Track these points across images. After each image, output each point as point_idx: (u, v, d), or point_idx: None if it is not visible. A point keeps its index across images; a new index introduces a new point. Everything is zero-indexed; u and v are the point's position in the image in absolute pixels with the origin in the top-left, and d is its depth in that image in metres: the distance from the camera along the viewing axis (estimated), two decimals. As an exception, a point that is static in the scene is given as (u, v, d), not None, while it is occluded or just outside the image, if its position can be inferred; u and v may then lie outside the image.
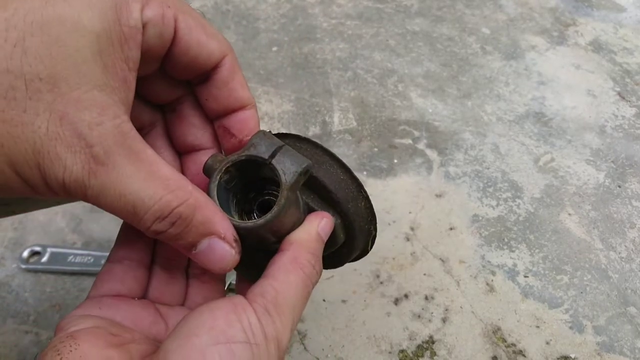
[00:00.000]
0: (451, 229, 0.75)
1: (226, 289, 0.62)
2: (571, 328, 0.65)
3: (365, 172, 0.82)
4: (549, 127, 0.92)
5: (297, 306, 0.31)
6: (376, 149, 0.86)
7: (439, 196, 0.79)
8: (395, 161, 0.84)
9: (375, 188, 0.79)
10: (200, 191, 0.30)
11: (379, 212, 0.74)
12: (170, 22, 0.29)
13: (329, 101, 0.93)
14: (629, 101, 0.98)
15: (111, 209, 0.27)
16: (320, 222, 0.35)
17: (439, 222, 0.76)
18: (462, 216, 0.77)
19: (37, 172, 0.25)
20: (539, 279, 0.70)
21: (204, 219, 0.29)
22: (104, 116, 0.25)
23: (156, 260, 0.36)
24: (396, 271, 0.69)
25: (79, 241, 0.70)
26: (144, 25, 0.28)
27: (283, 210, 0.31)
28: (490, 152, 0.87)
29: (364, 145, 0.86)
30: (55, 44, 0.24)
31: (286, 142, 0.36)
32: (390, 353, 0.61)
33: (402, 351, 0.62)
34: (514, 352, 0.62)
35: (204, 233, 0.29)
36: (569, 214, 0.78)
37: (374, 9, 1.16)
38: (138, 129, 0.28)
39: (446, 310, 0.66)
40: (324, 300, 0.66)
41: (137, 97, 0.32)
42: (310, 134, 0.87)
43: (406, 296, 0.67)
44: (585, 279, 0.70)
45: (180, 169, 0.37)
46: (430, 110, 0.93)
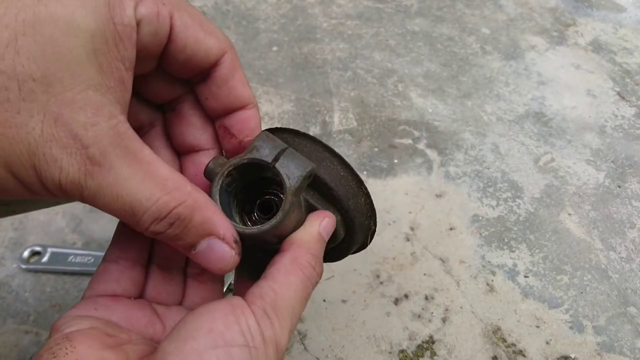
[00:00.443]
0: (451, 229, 0.75)
1: (226, 289, 0.62)
2: (571, 328, 0.65)
3: (365, 172, 0.82)
4: (549, 127, 0.92)
5: (296, 308, 0.30)
6: (376, 149, 0.86)
7: (439, 196, 0.79)
8: (396, 161, 0.84)
9: (375, 188, 0.79)
10: (199, 191, 0.29)
11: (379, 212, 0.74)
12: (166, 19, 0.28)
13: (329, 101, 0.93)
14: (629, 101, 0.98)
15: (109, 210, 0.27)
16: (321, 222, 0.34)
17: (439, 222, 0.76)
18: (462, 216, 0.77)
19: (33, 174, 0.25)
20: (539, 279, 0.70)
21: (203, 219, 0.29)
22: (99, 116, 0.25)
23: (154, 259, 0.35)
24: (396, 271, 0.69)
25: (79, 241, 0.70)
26: (138, 23, 0.27)
27: (287, 215, 0.31)
28: (490, 152, 0.86)
29: (364, 145, 0.86)
30: (48, 43, 0.24)
31: (284, 136, 0.36)
32: (390, 353, 0.61)
33: (402, 351, 0.62)
34: (514, 352, 0.62)
35: (203, 234, 0.29)
36: (569, 214, 0.78)
37: (374, 9, 1.16)
38: (137, 129, 0.28)
39: (446, 310, 0.66)
40: (324, 301, 0.66)
41: (135, 96, 0.32)
42: (310, 134, 0.87)
43: (406, 296, 0.67)
44: (586, 279, 0.70)
45: (179, 170, 0.36)
46: (430, 110, 0.93)
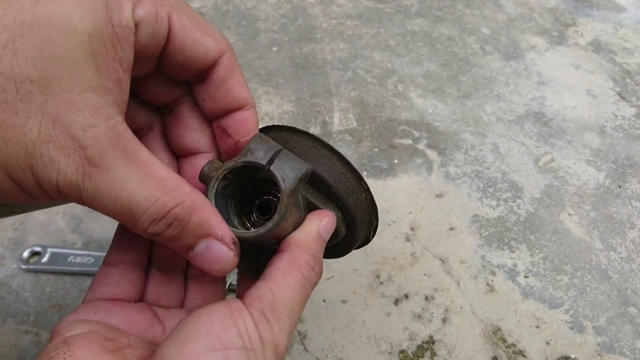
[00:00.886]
0: (451, 229, 0.75)
1: (226, 289, 0.62)
2: (571, 328, 0.65)
3: (365, 172, 0.82)
4: (549, 127, 0.92)
5: (294, 309, 0.30)
6: (376, 149, 0.85)
7: (439, 196, 0.79)
8: (396, 161, 0.84)
9: (375, 188, 0.79)
10: (197, 192, 0.29)
11: (379, 212, 0.74)
12: (164, 20, 0.28)
13: (329, 101, 0.93)
14: (629, 101, 0.98)
15: (107, 211, 0.26)
16: (321, 222, 0.34)
17: (439, 222, 0.76)
18: (462, 216, 0.77)
19: (31, 176, 0.25)
20: (539, 279, 0.70)
21: (200, 220, 0.29)
22: (97, 117, 0.25)
23: (154, 261, 0.35)
24: (396, 271, 0.69)
25: (79, 241, 0.70)
26: (136, 25, 0.27)
27: (284, 217, 0.31)
28: (490, 153, 0.86)
29: (364, 145, 0.86)
30: (46, 44, 0.24)
31: (282, 134, 0.36)
32: (390, 353, 0.61)
33: (402, 351, 0.62)
34: (514, 352, 0.62)
35: (201, 235, 0.29)
36: (569, 214, 0.78)
37: (374, 9, 1.16)
38: (135, 131, 0.28)
39: (446, 310, 0.66)
40: (324, 301, 0.66)
41: (133, 98, 0.32)
42: (308, 132, 0.87)
43: (406, 296, 0.67)
44: (586, 279, 0.70)
45: (177, 173, 0.35)
46: (430, 111, 0.93)
